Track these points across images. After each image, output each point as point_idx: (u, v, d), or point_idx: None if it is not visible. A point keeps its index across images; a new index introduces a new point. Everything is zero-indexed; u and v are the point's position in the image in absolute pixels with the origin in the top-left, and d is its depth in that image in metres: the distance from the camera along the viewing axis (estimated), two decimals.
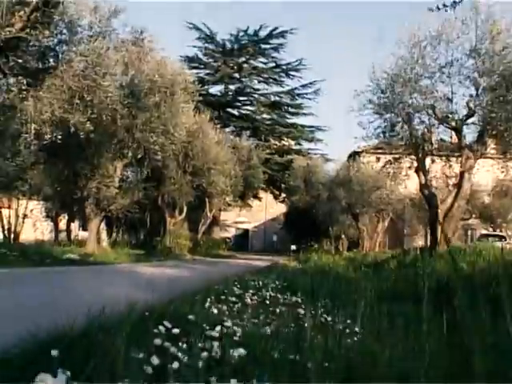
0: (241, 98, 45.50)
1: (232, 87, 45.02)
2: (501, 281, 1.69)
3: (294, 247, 30.16)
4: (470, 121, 14.91)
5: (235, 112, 45.07)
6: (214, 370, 1.76)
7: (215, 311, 3.79)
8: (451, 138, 16.36)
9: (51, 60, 13.12)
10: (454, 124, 14.84)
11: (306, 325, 2.96)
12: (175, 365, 1.69)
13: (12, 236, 23.15)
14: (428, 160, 16.66)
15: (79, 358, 1.85)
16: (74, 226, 30.45)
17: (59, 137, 12.90)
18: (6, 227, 23.36)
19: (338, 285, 7.05)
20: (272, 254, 33.36)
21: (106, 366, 1.48)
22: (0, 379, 1.86)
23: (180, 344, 2.16)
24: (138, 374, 1.58)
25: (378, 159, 23.55)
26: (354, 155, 31.35)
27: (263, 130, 43.21)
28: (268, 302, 4.73)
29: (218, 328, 2.36)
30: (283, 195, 41.74)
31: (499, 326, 1.95)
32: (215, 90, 45.07)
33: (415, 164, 16.49)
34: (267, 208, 48.94)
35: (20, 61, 12.33)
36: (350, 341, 3.02)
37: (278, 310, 4.10)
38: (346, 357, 2.40)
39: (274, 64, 45.09)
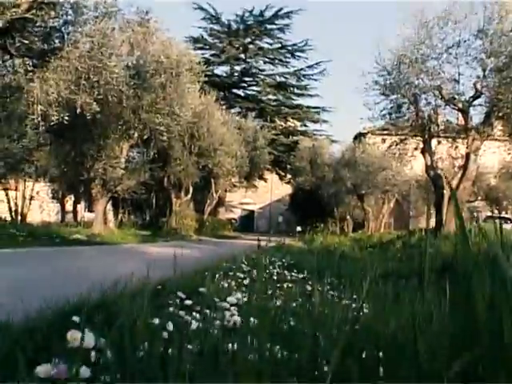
0: (246, 79, 45.34)
1: (237, 68, 44.90)
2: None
3: (299, 228, 30.25)
4: (476, 102, 14.85)
5: (241, 93, 45.01)
6: (227, 337, 1.85)
7: (225, 285, 3.91)
8: (457, 119, 16.28)
9: (57, 41, 13.11)
10: (460, 105, 14.78)
11: (313, 299, 3.04)
12: (194, 325, 1.80)
13: (19, 217, 23.39)
14: (434, 141, 16.62)
15: (98, 325, 1.94)
16: (80, 207, 30.67)
17: (66, 118, 12.91)
18: (13, 209, 23.59)
19: (343, 264, 7.14)
20: (277, 235, 33.44)
21: (126, 332, 1.56)
22: (26, 346, 1.95)
23: (193, 313, 2.26)
24: (155, 339, 1.67)
25: (384, 140, 23.45)
26: (359, 136, 31.28)
27: (269, 111, 43.09)
28: (275, 279, 4.83)
29: (229, 299, 2.45)
30: (289, 176, 41.69)
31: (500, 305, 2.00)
32: (221, 70, 44.97)
33: (421, 145, 16.47)
34: (273, 189, 48.96)
35: (26, 42, 12.34)
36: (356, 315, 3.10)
37: (285, 286, 4.20)
38: (352, 329, 2.48)
39: (279, 45, 44.83)
